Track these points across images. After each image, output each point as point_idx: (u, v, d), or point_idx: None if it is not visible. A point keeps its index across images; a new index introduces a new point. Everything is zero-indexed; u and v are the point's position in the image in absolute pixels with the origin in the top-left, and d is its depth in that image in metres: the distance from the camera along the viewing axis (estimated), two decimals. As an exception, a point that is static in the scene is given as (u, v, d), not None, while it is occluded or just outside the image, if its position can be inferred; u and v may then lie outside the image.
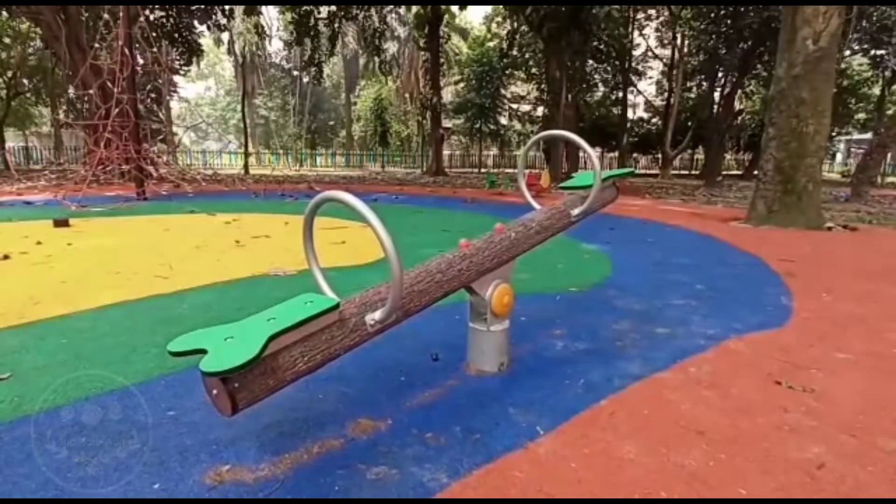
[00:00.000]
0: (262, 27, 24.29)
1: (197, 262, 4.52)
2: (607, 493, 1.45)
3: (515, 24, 22.05)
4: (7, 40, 23.44)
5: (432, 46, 23.87)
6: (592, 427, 1.81)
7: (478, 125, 31.93)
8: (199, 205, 8.99)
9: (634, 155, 36.67)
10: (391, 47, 34.72)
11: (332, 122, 42.89)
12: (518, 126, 37.38)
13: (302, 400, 1.95)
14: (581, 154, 35.81)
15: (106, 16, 10.16)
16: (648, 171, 33.64)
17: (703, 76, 27.39)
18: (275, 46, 37.48)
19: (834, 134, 30.34)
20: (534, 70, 26.24)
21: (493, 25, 29.67)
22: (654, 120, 33.79)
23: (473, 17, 44.87)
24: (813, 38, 7.07)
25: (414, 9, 26.45)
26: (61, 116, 24.05)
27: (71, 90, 16.64)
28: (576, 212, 2.57)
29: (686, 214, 9.04)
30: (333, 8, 23.13)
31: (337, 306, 1.57)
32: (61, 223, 6.45)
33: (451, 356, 2.38)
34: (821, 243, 6.08)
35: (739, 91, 27.46)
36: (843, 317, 3.15)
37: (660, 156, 30.60)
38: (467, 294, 2.18)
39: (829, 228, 7.36)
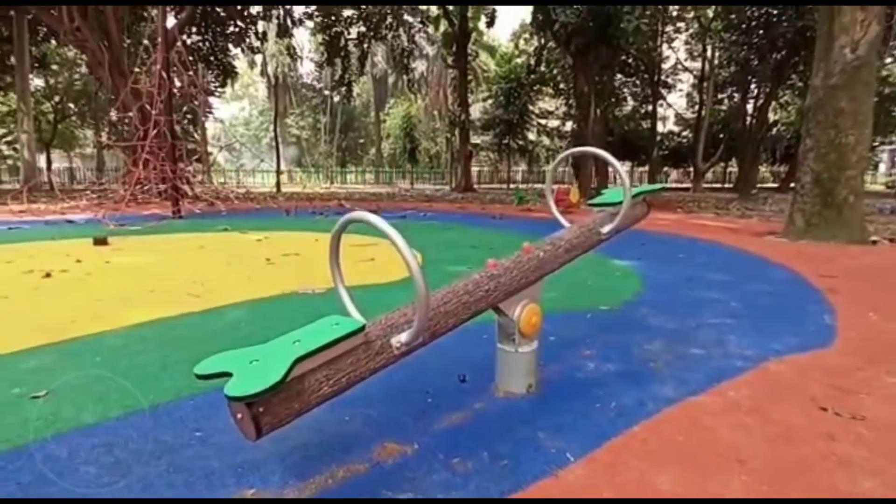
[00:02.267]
0: (294, 49, 24.99)
1: (228, 279, 4.60)
2: (642, 527, 1.38)
3: (543, 41, 22.09)
4: (55, 67, 24.73)
5: (460, 64, 24.15)
6: (625, 454, 1.73)
7: (506, 141, 32.02)
8: (231, 223, 9.21)
9: (665, 168, 36.14)
10: (420, 66, 35.27)
11: (361, 140, 43.61)
12: (546, 141, 37.34)
13: (327, 422, 1.93)
14: (611, 169, 35.51)
15: (146, 41, 10.61)
16: (679, 185, 33.05)
17: (734, 87, 26.85)
18: (306, 67, 38.52)
19: (876, 143, 29.30)
20: (562, 85, 26.19)
21: (521, 42, 29.82)
22: (684, 133, 33.30)
23: (501, 33, 45.26)
24: (851, 47, 6.86)
25: (441, 27, 26.83)
26: (103, 138, 25.10)
27: (113, 113, 17.33)
28: (606, 229, 2.51)
29: (719, 229, 8.80)
30: (363, 29, 23.65)
31: (363, 329, 1.56)
32: (100, 241, 6.68)
33: (478, 377, 2.34)
34: (865, 258, 5.83)
35: (774, 102, 26.84)
36: (893, 337, 2.98)
37: (691, 169, 30.06)
38: (495, 314, 2.15)
39: (874, 242, 7.05)
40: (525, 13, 22.13)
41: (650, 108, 29.76)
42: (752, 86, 25.85)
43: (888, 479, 1.59)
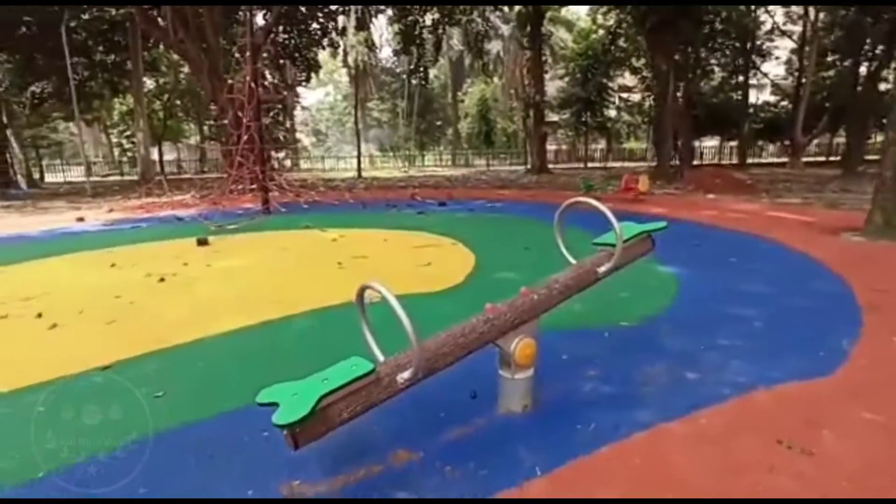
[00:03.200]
0: (372, 41, 25.91)
1: (304, 285, 5.35)
2: (573, 533, 1.82)
3: (618, 18, 21.30)
4: (164, 69, 27.40)
5: (534, 45, 23.85)
6: (585, 473, 2.16)
7: (584, 119, 31.26)
8: (312, 218, 10.13)
9: (760, 142, 33.59)
10: (496, 46, 35.04)
11: (439, 123, 44.26)
12: (627, 117, 35.95)
13: (358, 430, 2.50)
14: (699, 145, 33.53)
15: (237, 47, 11.74)
16: (775, 161, 30.65)
17: (839, 54, 24.32)
18: (385, 53, 39.57)
19: None
20: (639, 63, 25.11)
21: (599, 17, 28.73)
22: (782, 103, 30.67)
23: (579, 8, 43.54)
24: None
25: (516, 8, 26.51)
26: (205, 132, 27.59)
27: (211, 112, 19.10)
28: (602, 269, 2.86)
29: (794, 224, 8.46)
30: (437, 16, 23.97)
31: (373, 370, 2.09)
32: (202, 242, 7.76)
33: (488, 395, 2.81)
34: (939, 266, 5.54)
35: (891, 65, 24.03)
36: (904, 368, 3.08)
37: (789, 143, 27.79)
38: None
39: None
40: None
41: (742, 78, 27.74)
42: (866, 47, 23.29)
43: (800, 510, 1.90)
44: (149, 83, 27.27)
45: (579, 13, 42.47)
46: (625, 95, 36.36)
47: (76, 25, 20.93)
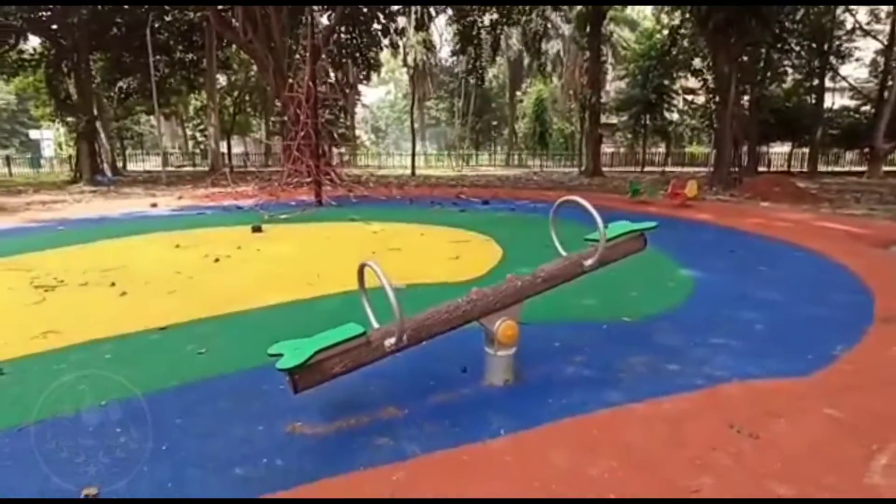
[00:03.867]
0: (431, 42, 26.49)
1: (338, 270, 5.84)
2: (521, 481, 2.13)
3: (679, 20, 20.77)
4: (235, 67, 29.15)
5: (593, 45, 23.66)
6: (544, 437, 2.45)
7: (643, 121, 30.59)
8: (360, 212, 10.72)
9: (835, 150, 31.65)
10: (555, 45, 34.85)
11: (495, 123, 44.42)
12: (690, 120, 34.81)
13: (357, 387, 2.90)
14: (767, 151, 32.00)
15: (300, 47, 12.52)
16: (852, 171, 28.80)
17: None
18: (444, 53, 40.20)
19: None
20: (700, 64, 24.33)
21: (664, 17, 28.02)
22: (863, 108, 28.76)
23: (645, 7, 42.37)
24: None
25: (577, 7, 26.33)
26: (270, 127, 29.12)
27: (276, 108, 20.24)
28: (588, 263, 3.12)
29: (841, 235, 8.19)
30: (496, 16, 24.23)
31: (364, 334, 2.48)
32: (256, 229, 8.47)
33: (478, 370, 3.14)
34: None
35: None
36: (888, 373, 3.15)
37: (868, 151, 26.06)
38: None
39: None
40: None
41: (817, 81, 26.25)
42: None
43: (723, 480, 2.13)
44: (221, 80, 29.13)
45: (645, 12, 41.47)
46: (689, 98, 35.24)
47: (159, 26, 22.73)
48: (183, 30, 23.76)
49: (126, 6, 21.38)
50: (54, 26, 20.39)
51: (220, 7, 18.69)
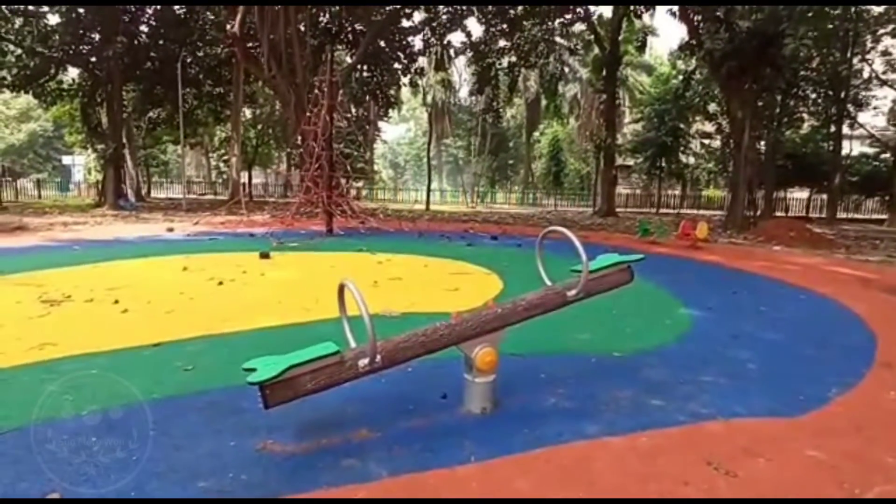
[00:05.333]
0: (450, 82, 27.24)
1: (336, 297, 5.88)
2: (479, 506, 2.10)
3: (693, 65, 21.10)
4: (261, 101, 30.20)
5: (608, 89, 24.06)
6: (513, 466, 2.42)
7: (658, 164, 30.70)
8: (368, 243, 10.85)
9: (855, 197, 31.28)
10: (572, 88, 35.55)
11: (511, 161, 44.99)
12: (706, 164, 34.86)
13: (334, 408, 2.91)
14: (784, 196, 31.80)
15: (317, 93, 12.98)
16: (872, 218, 28.38)
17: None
18: (463, 92, 41.23)
19: None
20: (714, 108, 24.54)
21: (679, 63, 28.51)
22: (883, 156, 28.54)
23: (663, 49, 43.13)
24: None
25: (593, 52, 26.94)
26: (291, 160, 29.86)
27: (295, 142, 20.83)
28: (571, 293, 3.13)
29: (850, 279, 8.04)
30: (514, 58, 24.88)
31: (337, 353, 2.50)
32: (265, 256, 8.61)
33: (458, 396, 3.12)
34: None
35: None
36: (880, 414, 3.06)
37: (889, 198, 25.73)
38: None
39: None
40: (685, 30, 21.14)
41: (834, 128, 26.21)
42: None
43: (693, 515, 2.07)
44: (246, 113, 30.15)
45: (662, 57, 42.25)
46: (706, 141, 35.39)
47: (191, 61, 23.78)
48: (212, 65, 24.81)
49: (161, 42, 22.51)
50: (92, 59, 21.45)
51: (248, 44, 19.55)
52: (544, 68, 26.17)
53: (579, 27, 26.22)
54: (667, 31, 73.92)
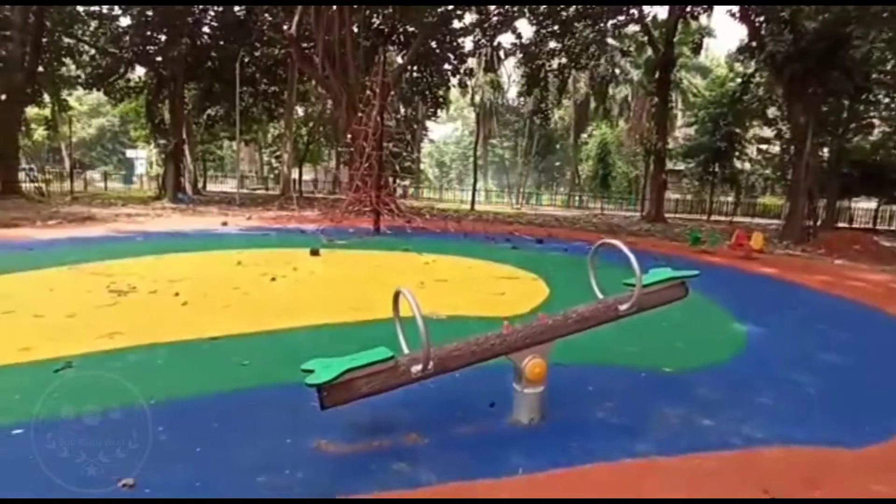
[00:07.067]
0: (499, 82, 27.18)
1: (386, 297, 5.99)
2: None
3: (753, 68, 20.24)
4: (313, 99, 30.98)
5: (661, 91, 23.42)
6: (560, 480, 2.42)
7: (712, 169, 29.62)
8: (414, 242, 10.96)
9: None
10: (623, 90, 34.78)
11: (558, 163, 44.45)
12: (763, 170, 33.41)
13: (385, 410, 2.97)
14: (849, 205, 30.12)
15: (368, 93, 13.24)
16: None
17: None
18: (511, 93, 41.03)
19: None
20: (774, 114, 23.46)
21: (738, 65, 27.41)
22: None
23: (719, 54, 41.61)
24: None
25: (646, 53, 26.29)
26: (340, 158, 30.52)
27: (345, 140, 21.28)
28: (624, 307, 3.09)
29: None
30: (564, 60, 24.57)
31: (391, 358, 2.57)
32: (315, 253, 8.85)
33: (505, 405, 3.13)
34: None
35: None
36: (956, 454, 2.88)
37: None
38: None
39: None
40: (745, 31, 20.17)
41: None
42: None
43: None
44: (299, 111, 31.00)
45: (719, 59, 40.77)
46: (764, 147, 33.95)
47: (248, 61, 24.63)
48: (269, 64, 25.63)
49: (221, 42, 23.44)
50: (158, 58, 22.56)
51: (303, 45, 20.11)
52: (595, 70, 25.74)
53: (632, 28, 25.65)
54: (725, 32, 71.25)
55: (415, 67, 24.73)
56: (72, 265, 6.92)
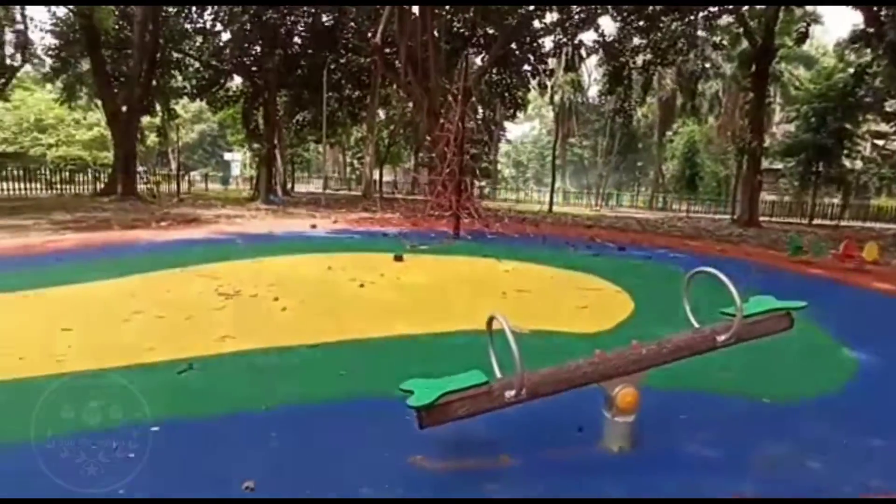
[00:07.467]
0: (579, 82, 26.61)
1: (470, 308, 6.13)
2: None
3: (871, 57, 18.40)
4: (394, 103, 31.89)
5: (757, 86, 21.92)
6: (654, 514, 2.42)
7: (815, 168, 27.30)
8: (493, 248, 11.05)
9: None
10: (713, 85, 32.81)
11: (640, 163, 42.77)
12: (879, 169, 30.37)
13: (475, 428, 3.07)
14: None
15: (449, 98, 13.47)
16: None
17: None
18: (592, 91, 39.97)
19: None
20: (893, 107, 21.18)
21: (851, 55, 25.02)
22: None
23: (827, 43, 38.14)
24: None
25: (741, 46, 24.67)
26: (419, 160, 31.18)
27: (425, 144, 21.72)
28: (722, 338, 3.00)
29: None
30: (649, 56, 23.62)
31: (486, 383, 2.67)
32: (398, 258, 9.17)
33: (594, 431, 3.15)
34: None
35: None
36: None
37: None
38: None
39: None
40: (857, 17, 18.32)
41: None
42: None
43: None
44: (380, 114, 32.03)
45: (827, 47, 37.41)
46: (880, 143, 30.90)
47: (335, 68, 25.78)
48: (353, 71, 26.70)
49: (310, 51, 24.71)
50: (254, 69, 24.20)
51: (386, 51, 20.77)
52: (683, 65, 24.50)
53: (726, 19, 24.14)
54: (834, 19, 64.92)
55: (494, 69, 24.75)
56: (182, 268, 7.64)
